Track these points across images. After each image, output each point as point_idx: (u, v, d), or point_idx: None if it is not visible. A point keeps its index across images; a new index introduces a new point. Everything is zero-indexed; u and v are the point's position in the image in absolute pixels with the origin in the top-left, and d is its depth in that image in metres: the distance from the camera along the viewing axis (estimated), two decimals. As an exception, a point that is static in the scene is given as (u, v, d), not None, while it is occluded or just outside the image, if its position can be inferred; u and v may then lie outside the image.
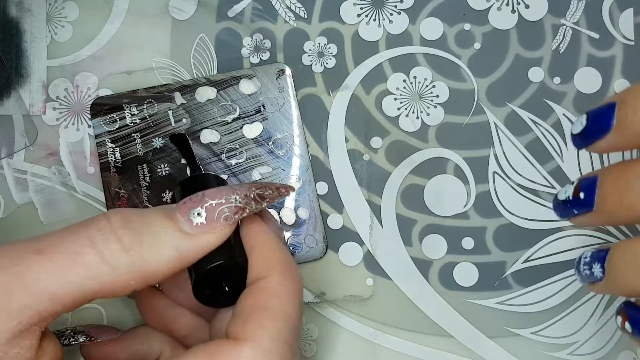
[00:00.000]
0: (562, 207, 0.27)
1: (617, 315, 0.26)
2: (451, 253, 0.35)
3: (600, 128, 0.24)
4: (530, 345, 0.34)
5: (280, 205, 0.35)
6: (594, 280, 0.26)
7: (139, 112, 0.36)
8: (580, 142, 0.26)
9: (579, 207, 0.26)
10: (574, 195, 0.26)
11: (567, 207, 0.26)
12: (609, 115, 0.24)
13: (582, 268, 0.26)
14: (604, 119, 0.24)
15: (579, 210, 0.26)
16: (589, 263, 0.26)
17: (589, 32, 0.37)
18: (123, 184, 0.35)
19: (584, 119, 0.25)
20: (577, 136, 0.26)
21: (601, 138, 0.25)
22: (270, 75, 0.36)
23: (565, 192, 0.26)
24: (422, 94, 0.37)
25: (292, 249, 0.35)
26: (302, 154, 0.36)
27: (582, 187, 0.26)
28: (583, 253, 0.27)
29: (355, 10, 0.37)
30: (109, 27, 0.38)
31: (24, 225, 0.36)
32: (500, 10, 0.37)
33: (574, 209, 0.26)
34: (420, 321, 0.34)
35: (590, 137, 0.25)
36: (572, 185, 0.26)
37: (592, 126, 0.25)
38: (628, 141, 0.24)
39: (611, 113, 0.24)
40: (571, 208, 0.26)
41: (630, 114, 0.23)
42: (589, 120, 0.25)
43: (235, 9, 0.38)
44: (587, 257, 0.26)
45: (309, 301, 0.35)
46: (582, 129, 0.25)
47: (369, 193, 0.36)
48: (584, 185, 0.25)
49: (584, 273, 0.26)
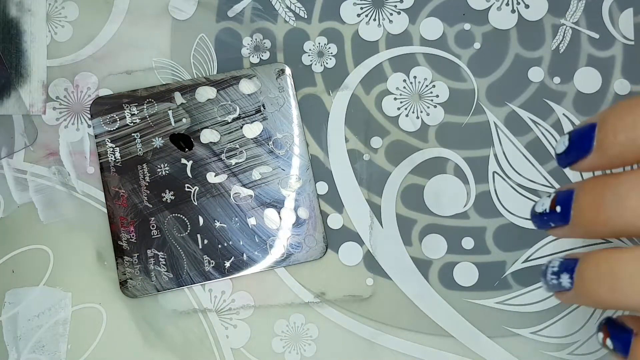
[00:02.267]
0: (539, 219, 0.27)
1: (599, 332, 0.26)
2: (451, 253, 0.35)
3: (582, 149, 0.25)
4: (530, 345, 0.34)
5: (280, 205, 0.35)
6: (561, 289, 0.25)
7: (139, 112, 0.36)
8: (563, 162, 0.26)
9: (556, 220, 0.26)
10: (550, 208, 0.26)
11: (544, 219, 0.26)
12: (589, 137, 0.24)
13: (550, 277, 0.26)
14: (585, 140, 0.24)
15: (556, 223, 0.26)
16: (556, 272, 0.26)
17: (589, 32, 0.37)
18: (123, 183, 0.35)
19: (567, 139, 0.25)
20: (560, 156, 0.26)
21: (583, 158, 0.25)
22: (270, 75, 0.36)
23: (543, 204, 0.26)
24: (422, 94, 0.37)
25: (292, 248, 0.35)
26: (302, 154, 0.36)
27: (558, 200, 0.26)
28: (550, 261, 0.26)
29: (355, 10, 0.37)
30: (109, 27, 0.38)
31: (23, 225, 0.36)
32: (500, 10, 0.37)
33: (551, 222, 0.26)
34: (420, 321, 0.34)
35: (572, 157, 0.25)
36: (549, 197, 0.26)
37: (574, 147, 0.25)
38: (609, 162, 0.24)
39: (592, 134, 0.24)
40: (548, 220, 0.26)
41: (610, 135, 0.24)
42: (571, 140, 0.25)
43: (235, 8, 0.38)
44: (554, 266, 0.26)
45: (309, 301, 0.35)
46: (564, 149, 0.25)
47: (369, 193, 0.36)
48: (560, 199, 0.25)
49: (551, 282, 0.26)
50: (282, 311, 0.35)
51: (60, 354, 0.35)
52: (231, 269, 0.35)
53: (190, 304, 0.35)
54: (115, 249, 0.35)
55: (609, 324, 0.25)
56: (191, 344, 0.35)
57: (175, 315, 0.35)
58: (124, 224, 0.35)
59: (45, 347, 0.35)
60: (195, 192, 0.35)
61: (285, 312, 0.35)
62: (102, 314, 0.35)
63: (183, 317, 0.35)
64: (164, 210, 0.35)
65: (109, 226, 0.35)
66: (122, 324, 0.35)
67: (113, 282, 0.35)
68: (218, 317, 0.35)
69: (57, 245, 0.35)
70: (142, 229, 0.35)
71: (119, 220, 0.35)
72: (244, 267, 0.35)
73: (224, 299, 0.35)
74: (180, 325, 0.35)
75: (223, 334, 0.35)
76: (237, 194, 0.35)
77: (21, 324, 0.35)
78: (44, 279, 0.35)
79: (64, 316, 0.35)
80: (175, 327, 0.35)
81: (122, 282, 0.35)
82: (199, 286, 0.35)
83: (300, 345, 0.34)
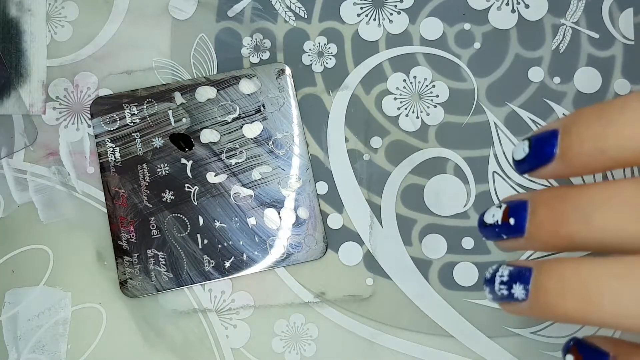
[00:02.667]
0: (489, 231, 0.25)
1: (567, 354, 0.24)
2: (451, 253, 0.35)
3: (543, 156, 0.23)
4: (530, 345, 0.34)
5: (280, 205, 0.35)
6: (512, 301, 0.23)
7: (138, 112, 0.36)
8: (522, 169, 0.24)
9: (509, 232, 0.24)
10: (502, 220, 0.24)
11: (496, 231, 0.25)
12: (551, 144, 0.23)
13: (498, 287, 0.24)
14: (547, 147, 0.23)
15: (509, 236, 0.24)
16: (507, 282, 0.23)
17: (589, 31, 0.37)
18: (123, 183, 0.35)
19: (527, 145, 0.24)
20: (518, 162, 0.24)
21: (544, 166, 0.23)
22: (270, 75, 0.36)
23: (493, 215, 0.25)
24: (422, 94, 0.37)
25: (292, 248, 0.35)
26: (302, 154, 0.36)
27: (511, 212, 0.24)
28: (496, 269, 0.24)
29: (355, 10, 0.37)
30: (109, 27, 0.38)
31: (23, 225, 0.36)
32: (500, 10, 0.37)
33: (503, 234, 0.24)
34: (420, 321, 0.34)
35: (532, 165, 0.24)
36: (499, 208, 0.25)
37: (535, 154, 0.24)
38: (571, 171, 0.23)
39: (554, 141, 0.23)
40: (500, 232, 0.24)
41: (576, 145, 0.22)
42: (531, 147, 0.24)
43: (235, 8, 0.38)
44: (504, 275, 0.24)
45: (309, 301, 0.35)
46: (524, 156, 0.24)
47: (369, 193, 0.36)
48: (513, 210, 0.24)
49: (500, 293, 0.24)
50: (282, 311, 0.35)
51: (60, 354, 0.35)
52: (231, 269, 0.35)
53: (190, 304, 0.35)
54: (115, 249, 0.35)
55: (581, 347, 0.23)
56: (191, 344, 0.35)
57: (175, 315, 0.35)
58: (124, 224, 0.35)
59: (45, 347, 0.35)
60: (195, 192, 0.35)
61: (285, 312, 0.35)
62: (102, 314, 0.35)
63: (183, 317, 0.35)
64: (164, 210, 0.35)
65: (109, 226, 0.35)
66: (122, 324, 0.35)
67: (113, 282, 0.35)
68: (218, 317, 0.35)
69: (57, 245, 0.35)
70: (142, 228, 0.35)
71: (119, 220, 0.35)
72: (244, 267, 0.35)
73: (224, 299, 0.35)
74: (180, 325, 0.35)
75: (223, 334, 0.35)
76: (237, 194, 0.35)
77: (21, 323, 0.35)
78: (44, 279, 0.35)
79: (64, 316, 0.35)
80: (175, 327, 0.35)
81: (122, 282, 0.35)
82: (199, 286, 0.35)
83: (300, 345, 0.34)
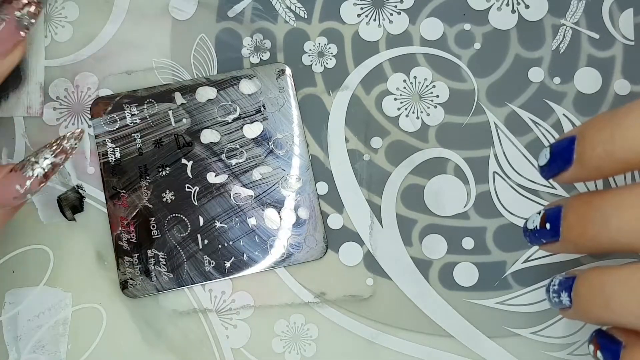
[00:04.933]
0: (531, 236, 0.28)
1: (590, 344, 0.26)
2: (451, 253, 0.35)
3: (563, 162, 0.25)
4: (530, 345, 0.34)
5: (280, 205, 0.35)
6: (563, 307, 0.26)
7: (139, 112, 0.36)
8: (546, 174, 0.27)
9: (547, 236, 0.27)
10: (540, 225, 0.27)
11: (536, 236, 0.27)
12: (569, 150, 0.25)
13: (552, 295, 0.27)
14: (565, 153, 0.25)
15: (547, 240, 0.27)
16: (557, 291, 0.27)
17: (589, 32, 0.37)
18: (123, 183, 0.35)
19: (548, 152, 0.26)
20: (543, 168, 0.27)
21: (564, 171, 0.25)
22: (270, 75, 0.36)
23: (534, 221, 0.27)
24: (422, 94, 0.37)
25: (292, 249, 0.35)
26: (302, 154, 0.36)
27: (548, 217, 0.26)
28: (552, 280, 0.27)
29: (355, 10, 0.37)
30: (109, 27, 0.38)
31: (23, 225, 0.36)
32: (500, 11, 0.37)
33: (542, 239, 0.27)
34: (420, 321, 0.34)
35: (554, 170, 0.26)
36: (539, 214, 0.27)
37: (555, 160, 0.26)
38: (588, 174, 0.25)
39: (571, 147, 0.25)
40: (540, 237, 0.27)
41: (589, 149, 0.24)
42: (552, 153, 0.26)
43: (235, 9, 0.38)
44: (555, 284, 0.27)
45: (309, 301, 0.35)
46: (546, 161, 0.26)
47: (369, 193, 0.36)
48: (549, 216, 0.26)
49: (554, 300, 0.27)
50: (282, 311, 0.35)
51: (61, 354, 0.35)
52: (231, 269, 0.35)
53: (191, 304, 0.35)
54: (115, 249, 0.35)
55: (599, 336, 0.26)
56: (191, 344, 0.35)
57: (176, 315, 0.35)
58: (124, 224, 0.35)
59: (46, 347, 0.35)
60: (196, 192, 0.35)
61: (285, 312, 0.35)
62: (102, 314, 0.35)
63: (183, 317, 0.35)
64: (164, 210, 0.35)
65: (109, 226, 0.35)
66: (122, 324, 0.35)
67: (113, 282, 0.35)
68: (218, 317, 0.35)
69: (57, 245, 0.35)
70: (142, 229, 0.35)
71: (119, 220, 0.35)
72: (244, 268, 0.35)
73: (224, 299, 0.35)
74: (180, 325, 0.35)
75: (223, 334, 0.35)
76: (237, 194, 0.35)
77: (21, 324, 0.35)
78: (44, 279, 0.35)
79: (64, 316, 0.35)
80: (176, 327, 0.35)
81: (122, 282, 0.35)
82: (199, 286, 0.35)
83: (300, 345, 0.34)
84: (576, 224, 0.25)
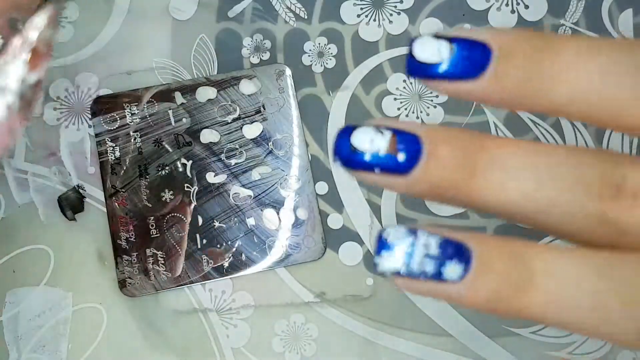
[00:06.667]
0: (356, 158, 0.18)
1: None
2: (451, 253, 0.35)
3: (473, 68, 0.18)
4: (530, 345, 0.34)
5: (279, 206, 0.35)
6: (447, 280, 0.18)
7: (139, 112, 0.36)
8: (432, 74, 0.18)
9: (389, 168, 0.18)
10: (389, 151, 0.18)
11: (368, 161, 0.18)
12: (485, 57, 0.18)
13: (419, 260, 0.18)
14: (481, 59, 0.18)
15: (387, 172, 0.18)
16: (438, 257, 0.18)
17: (588, 32, 0.37)
18: (122, 183, 0.35)
19: (446, 47, 0.18)
20: (429, 66, 0.18)
21: (470, 80, 0.18)
22: (270, 76, 0.36)
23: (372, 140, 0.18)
24: (422, 94, 0.37)
25: (291, 249, 0.35)
26: (301, 155, 0.36)
27: (401, 144, 0.18)
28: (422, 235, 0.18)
29: (355, 11, 0.38)
30: (109, 27, 0.38)
31: (24, 225, 0.36)
32: (499, 11, 0.37)
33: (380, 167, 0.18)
34: (420, 321, 0.34)
35: (453, 73, 0.18)
36: (380, 133, 0.18)
37: (460, 61, 0.18)
38: (502, 98, 0.18)
39: (488, 54, 0.18)
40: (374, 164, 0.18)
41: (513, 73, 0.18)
42: (457, 52, 0.18)
43: (235, 9, 0.38)
44: (431, 245, 0.18)
45: (309, 301, 0.35)
46: (438, 60, 0.18)
47: (369, 193, 0.36)
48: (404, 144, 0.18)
49: (423, 269, 0.18)
50: (282, 311, 0.35)
51: (61, 353, 0.35)
52: (230, 269, 0.35)
53: (191, 303, 0.35)
54: (114, 249, 0.35)
55: None
56: (191, 344, 0.35)
57: (176, 315, 0.35)
58: (124, 223, 0.35)
59: (46, 346, 0.35)
60: (195, 191, 0.35)
61: (285, 312, 0.35)
62: (102, 314, 0.35)
63: (183, 316, 0.35)
64: (163, 209, 0.35)
65: (109, 226, 0.35)
66: (122, 324, 0.35)
67: (113, 282, 0.35)
68: (218, 317, 0.35)
69: (58, 245, 0.36)
70: (141, 228, 0.35)
71: (119, 219, 0.35)
72: (243, 268, 0.35)
73: (224, 299, 0.35)
74: (180, 325, 0.35)
75: (223, 334, 0.35)
76: (236, 194, 0.35)
77: (22, 323, 0.35)
78: (44, 279, 0.35)
79: (64, 316, 0.35)
80: (176, 327, 0.35)
81: (121, 281, 0.35)
82: (199, 286, 0.35)
83: (300, 345, 0.34)
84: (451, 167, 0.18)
